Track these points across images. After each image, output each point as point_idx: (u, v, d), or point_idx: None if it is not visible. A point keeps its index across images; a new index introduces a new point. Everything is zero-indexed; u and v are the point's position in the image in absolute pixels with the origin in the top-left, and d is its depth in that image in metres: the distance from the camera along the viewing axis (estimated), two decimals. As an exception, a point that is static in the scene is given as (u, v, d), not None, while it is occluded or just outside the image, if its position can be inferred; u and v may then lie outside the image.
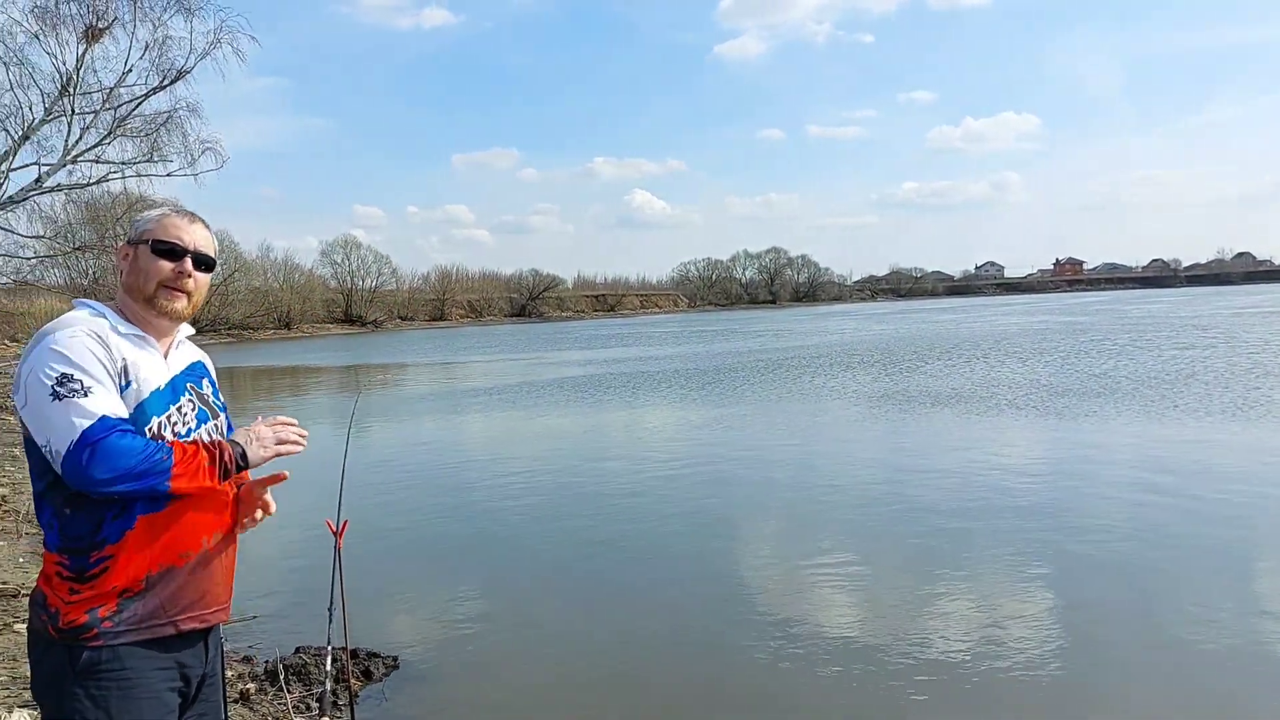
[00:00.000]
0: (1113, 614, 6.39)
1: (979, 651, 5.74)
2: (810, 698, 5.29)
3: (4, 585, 6.69)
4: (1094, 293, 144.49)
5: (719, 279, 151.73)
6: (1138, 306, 68.81)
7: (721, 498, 10.52)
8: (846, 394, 20.02)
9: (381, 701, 5.31)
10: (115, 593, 2.16)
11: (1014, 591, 6.88)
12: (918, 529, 8.68)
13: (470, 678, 5.74)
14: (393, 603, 7.26)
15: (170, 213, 2.43)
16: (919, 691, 5.23)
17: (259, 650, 6.02)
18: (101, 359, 2.17)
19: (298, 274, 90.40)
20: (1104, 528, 8.46)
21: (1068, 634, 6.01)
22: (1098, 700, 5.10)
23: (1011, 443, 13.47)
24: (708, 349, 39.95)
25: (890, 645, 5.89)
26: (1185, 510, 8.94)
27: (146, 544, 2.19)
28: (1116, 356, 25.83)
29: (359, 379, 32.43)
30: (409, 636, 6.39)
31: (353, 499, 10.16)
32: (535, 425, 17.29)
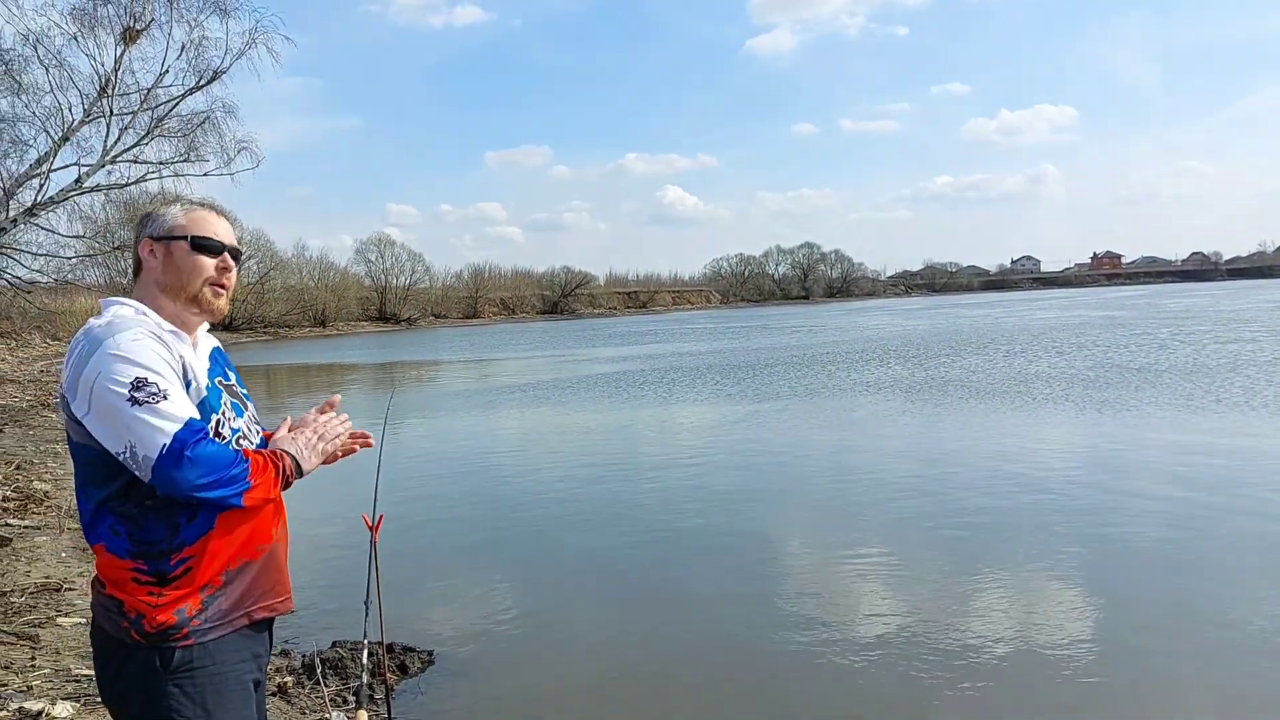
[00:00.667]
0: (1154, 612, 6.28)
1: (1018, 649, 5.67)
2: (847, 697, 5.24)
3: (47, 579, 6.79)
4: (1132, 286, 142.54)
5: (751, 275, 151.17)
6: (1175, 300, 67.77)
7: (756, 493, 10.48)
8: (880, 388, 19.87)
9: (417, 695, 5.33)
10: (199, 591, 2.19)
11: (1053, 588, 6.79)
12: (955, 524, 8.59)
13: (505, 672, 5.75)
14: (428, 598, 7.29)
15: (196, 207, 2.39)
16: (957, 689, 5.17)
17: (296, 644, 6.07)
18: (168, 360, 2.14)
19: (333, 272, 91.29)
20: (1145, 523, 8.33)
21: (1108, 632, 5.92)
22: (1138, 700, 5.02)
23: (1050, 437, 13.30)
24: (740, 345, 39.84)
25: (928, 642, 5.83)
26: (1229, 506, 8.77)
27: (226, 542, 2.22)
28: (1156, 350, 25.45)
29: (393, 376, 32.66)
30: (444, 631, 6.41)
31: (388, 494, 10.25)
32: (568, 421, 17.32)
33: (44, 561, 7.36)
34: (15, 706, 4.44)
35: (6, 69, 20.69)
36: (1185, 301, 64.02)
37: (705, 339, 46.57)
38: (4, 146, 21.23)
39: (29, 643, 5.45)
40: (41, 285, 24.53)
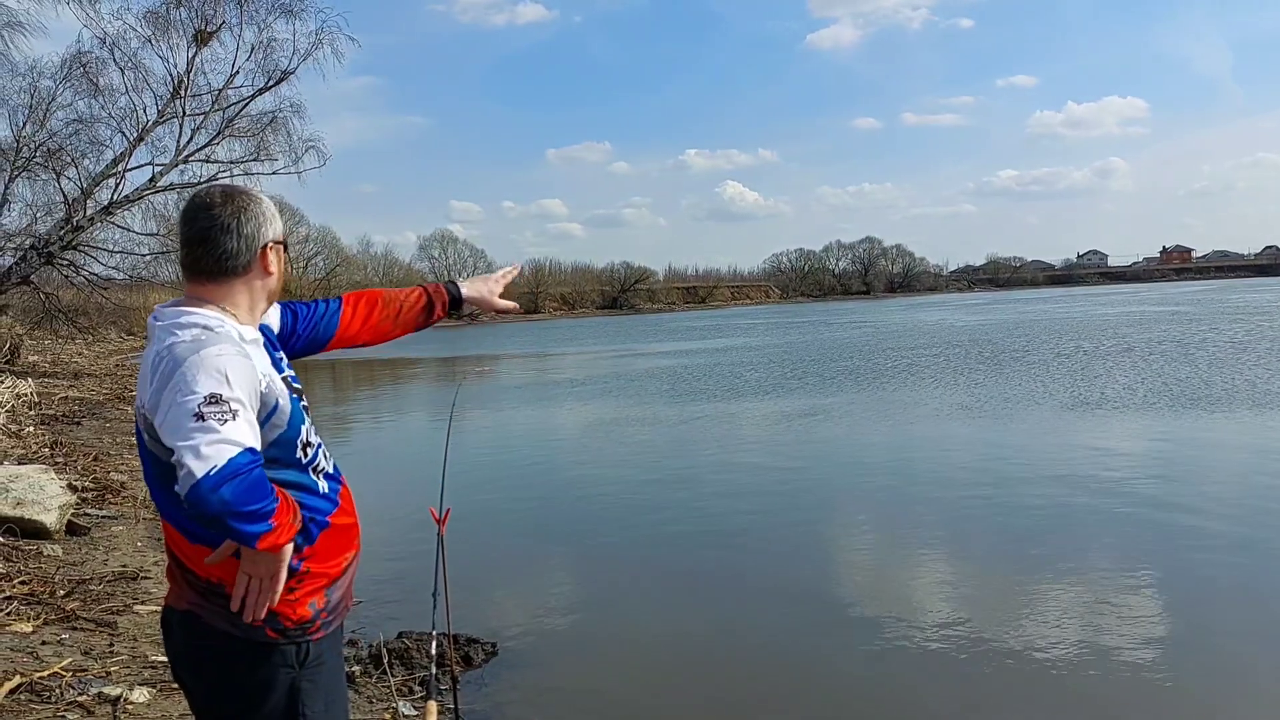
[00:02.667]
0: (1224, 615, 6.10)
1: (1080, 655, 5.54)
2: (904, 697, 5.18)
3: (124, 568, 6.99)
4: (1202, 281, 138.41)
5: (811, 270, 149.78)
6: (1240, 295, 65.66)
7: (817, 489, 10.41)
8: (941, 385, 19.56)
9: (481, 686, 5.38)
10: (325, 586, 2.23)
11: (1118, 590, 6.63)
12: (1016, 525, 8.43)
13: (567, 665, 5.79)
14: (492, 590, 7.36)
15: (271, 204, 2.32)
16: (1018, 691, 5.08)
17: (363, 634, 6.17)
18: (250, 380, 2.06)
19: (396, 268, 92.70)
20: (1212, 528, 8.09)
21: (1175, 636, 5.77)
22: (1208, 705, 4.88)
23: (1113, 436, 12.99)
24: (800, 339, 39.56)
25: (989, 643, 5.73)
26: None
27: (337, 539, 2.28)
28: (1220, 347, 24.69)
29: (455, 370, 33.03)
30: (508, 623, 6.46)
31: (453, 487, 10.37)
32: (629, 416, 17.34)
33: (121, 550, 7.57)
34: (95, 692, 4.58)
35: (84, 71, 21.33)
36: (1249, 296, 62.00)
37: (765, 334, 46.32)
38: (82, 147, 21.92)
39: (107, 630, 5.61)
40: (117, 282, 25.24)
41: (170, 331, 2.10)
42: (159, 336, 2.12)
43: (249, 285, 2.24)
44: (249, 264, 2.22)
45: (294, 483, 2.18)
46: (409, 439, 16.59)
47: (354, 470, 10.09)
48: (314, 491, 2.24)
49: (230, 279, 2.21)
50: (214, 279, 2.20)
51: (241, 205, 2.22)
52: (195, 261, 2.20)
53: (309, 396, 2.42)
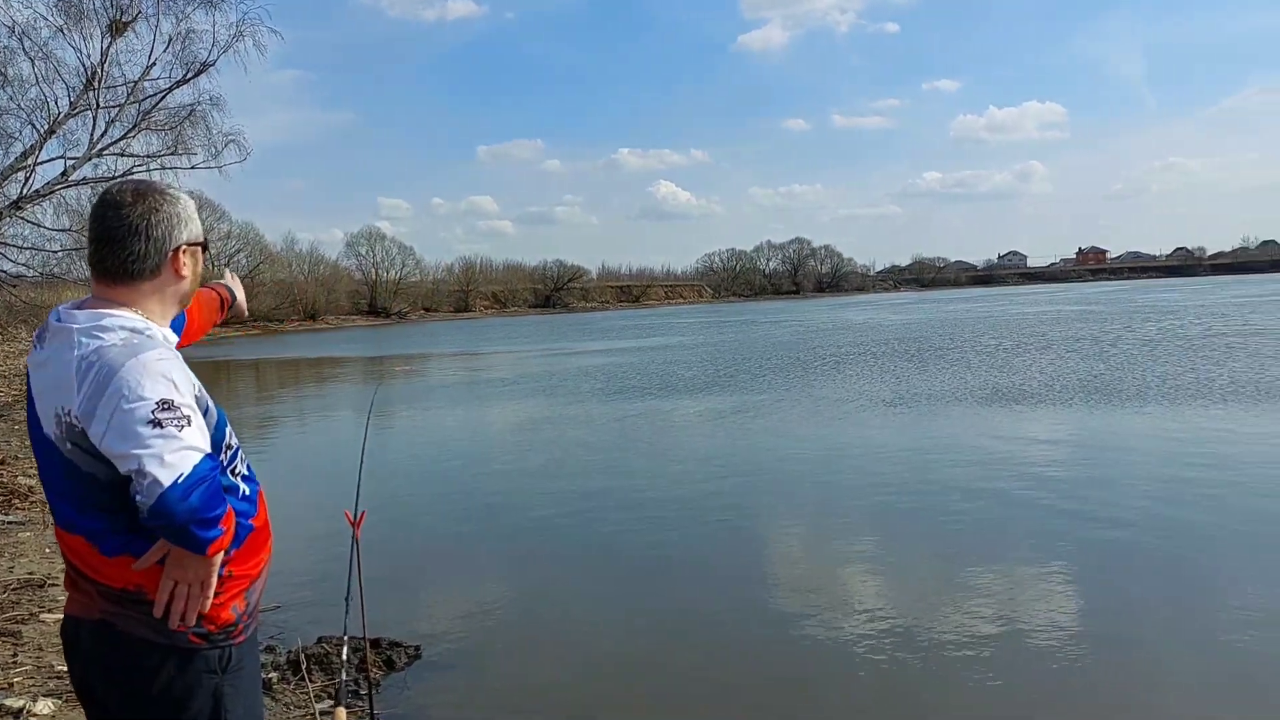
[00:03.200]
0: (1142, 603, 6.29)
1: (1004, 642, 5.66)
2: (833, 687, 5.24)
3: (31, 575, 6.75)
4: (1116, 281, 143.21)
5: (743, 269, 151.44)
6: (1150, 295, 67.99)
7: (744, 485, 10.49)
8: (868, 381, 19.86)
9: (403, 690, 5.31)
10: (243, 588, 2.19)
11: (1043, 580, 6.78)
12: (941, 517, 8.59)
13: (493, 667, 5.74)
14: (417, 592, 7.27)
15: (192, 203, 2.26)
16: (948, 680, 5.18)
17: (281, 639, 6.05)
18: (191, 385, 2.04)
19: (323, 266, 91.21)
20: (1126, 518, 8.34)
21: (1097, 624, 5.92)
22: (1126, 690, 5.03)
23: (1032, 429, 13.32)
24: (731, 338, 39.87)
25: (919, 633, 5.82)
26: (1208, 496, 8.79)
27: (255, 541, 2.24)
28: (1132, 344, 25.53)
29: (381, 369, 32.59)
30: (433, 625, 6.39)
31: (376, 489, 10.23)
32: (560, 414, 17.29)
33: (27, 557, 7.32)
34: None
35: (-9, 61, 20.51)
36: (1158, 296, 64.25)
37: (698, 333, 46.59)
38: (-11, 140, 21.06)
39: (11, 639, 5.41)
40: (28, 279, 24.35)
41: (92, 334, 2.01)
42: (77, 340, 2.01)
43: (159, 289, 2.17)
44: (158, 267, 2.14)
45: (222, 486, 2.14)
46: (333, 439, 16.30)
47: (277, 472, 10.08)
48: (236, 494, 2.19)
49: (138, 282, 2.13)
50: (121, 281, 2.12)
51: (153, 206, 2.14)
52: (101, 261, 2.12)
53: (228, 397, 2.38)
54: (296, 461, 14.25)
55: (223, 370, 32.55)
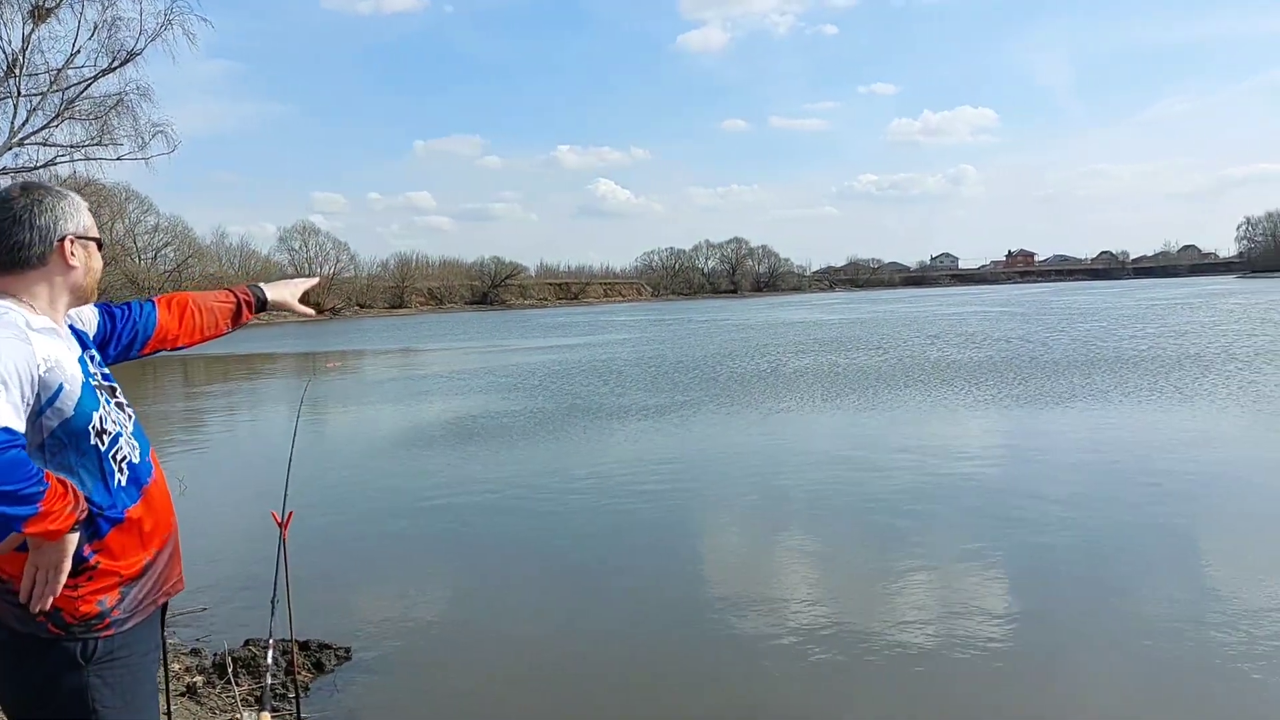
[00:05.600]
0: (1065, 595, 6.48)
1: (935, 636, 5.79)
2: (773, 684, 5.31)
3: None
4: (1044, 283, 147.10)
5: (682, 268, 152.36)
6: (1059, 297, 69.88)
7: (683, 483, 10.55)
8: (804, 380, 20.11)
9: (333, 693, 5.27)
10: (118, 583, 2.17)
11: (968, 578, 6.95)
12: (875, 515, 8.75)
13: (426, 669, 5.72)
14: (349, 594, 7.21)
15: (82, 202, 2.32)
16: (878, 672, 5.29)
17: (208, 642, 5.96)
18: (21, 363, 2.00)
19: (254, 260, 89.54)
20: (1053, 512, 8.58)
21: (1022, 616, 6.09)
22: (1050, 679, 5.20)
23: (963, 427, 13.62)
24: (670, 336, 40.03)
25: (850, 628, 5.93)
26: (1127, 489, 9.09)
27: (139, 533, 2.21)
28: (1061, 346, 26.24)
29: (314, 365, 32.12)
30: (365, 627, 6.35)
31: (308, 488, 10.12)
32: (493, 414, 17.21)
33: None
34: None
35: (-96, 45, 19.77)
36: (1074, 298, 66.06)
37: (636, 331, 46.68)
38: (-98, 126, 20.31)
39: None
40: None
41: None
42: None
43: (48, 279, 2.22)
44: (44, 255, 2.20)
45: (84, 472, 2.13)
46: (264, 437, 16.05)
47: (206, 471, 9.90)
48: (107, 483, 2.17)
49: (24, 270, 2.19)
50: (9, 270, 2.19)
51: (38, 198, 2.22)
52: None
53: (153, 393, 2.36)
54: (226, 460, 14.00)
55: (148, 366, 31.77)
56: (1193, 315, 39.73)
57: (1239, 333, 28.77)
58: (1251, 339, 26.25)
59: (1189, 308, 46.86)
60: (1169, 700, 4.98)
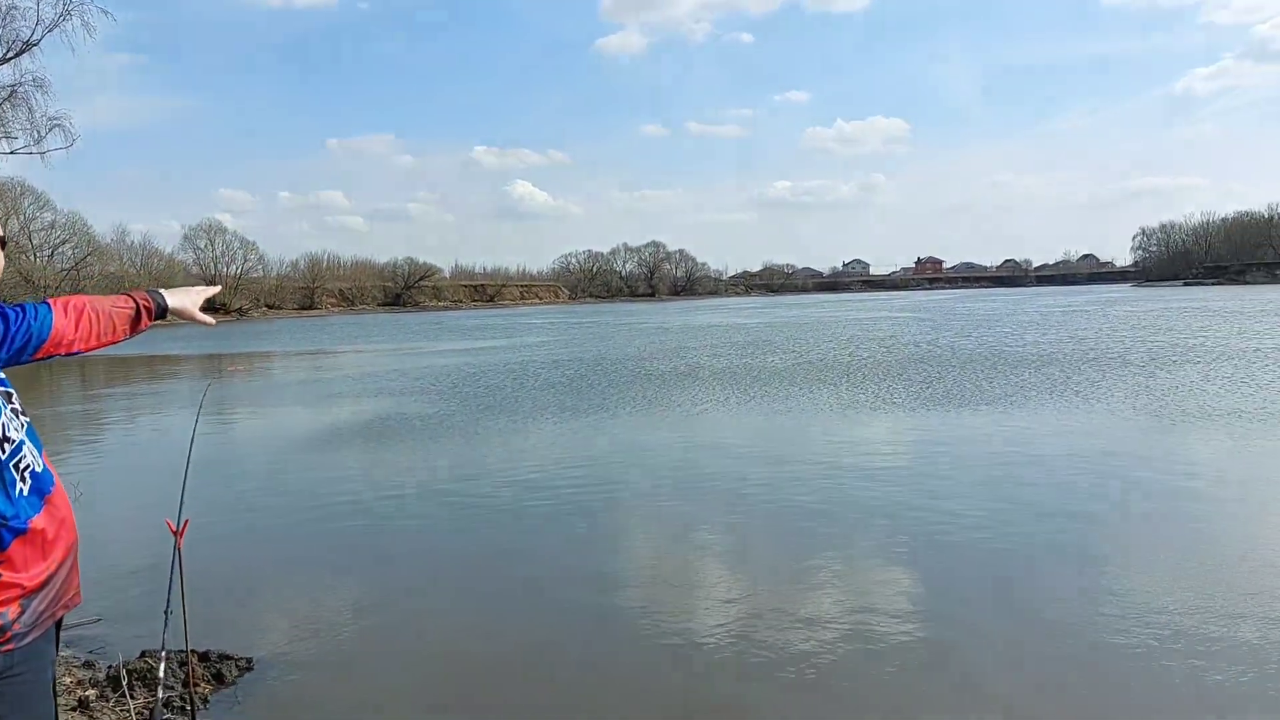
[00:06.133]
0: (970, 595, 6.64)
1: (842, 634, 5.87)
2: (684, 684, 5.32)
3: None
4: (951, 290, 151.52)
5: (599, 271, 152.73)
6: (965, 304, 72.09)
7: (595, 488, 10.52)
8: (720, 383, 20.29)
9: (233, 705, 5.11)
10: (20, 595, 2.10)
11: (878, 576, 7.08)
12: (786, 517, 8.85)
13: (330, 677, 5.58)
14: (251, 602, 7.01)
15: None
16: (789, 672, 5.34)
17: (102, 654, 5.73)
18: None
19: (156, 259, 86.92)
20: (962, 513, 8.80)
21: (929, 615, 6.22)
22: (957, 679, 5.32)
23: (875, 429, 13.90)
24: (584, 337, 40.00)
25: (762, 629, 5.98)
26: (1028, 488, 9.38)
27: (42, 543, 2.15)
28: (967, 351, 27.01)
29: (219, 368, 31.24)
30: (268, 636, 6.17)
31: (210, 494, 9.84)
32: (403, 416, 16.95)
33: None
34: None
35: None
36: (986, 305, 68.16)
37: (553, 334, 46.53)
38: None
39: None
40: None
41: None
42: None
43: None
44: None
45: None
46: (165, 442, 15.53)
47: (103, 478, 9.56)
48: (9, 493, 2.11)
49: None
50: None
51: None
52: None
53: (49, 396, 2.27)
54: (125, 466, 13.50)
55: (43, 367, 30.53)
56: (1089, 322, 41.29)
57: (1134, 339, 29.99)
58: (1145, 345, 27.37)
59: (1086, 314, 48.70)
60: (1065, 693, 5.14)
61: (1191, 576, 6.78)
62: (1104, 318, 44.36)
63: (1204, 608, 6.12)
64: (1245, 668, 5.19)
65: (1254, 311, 45.83)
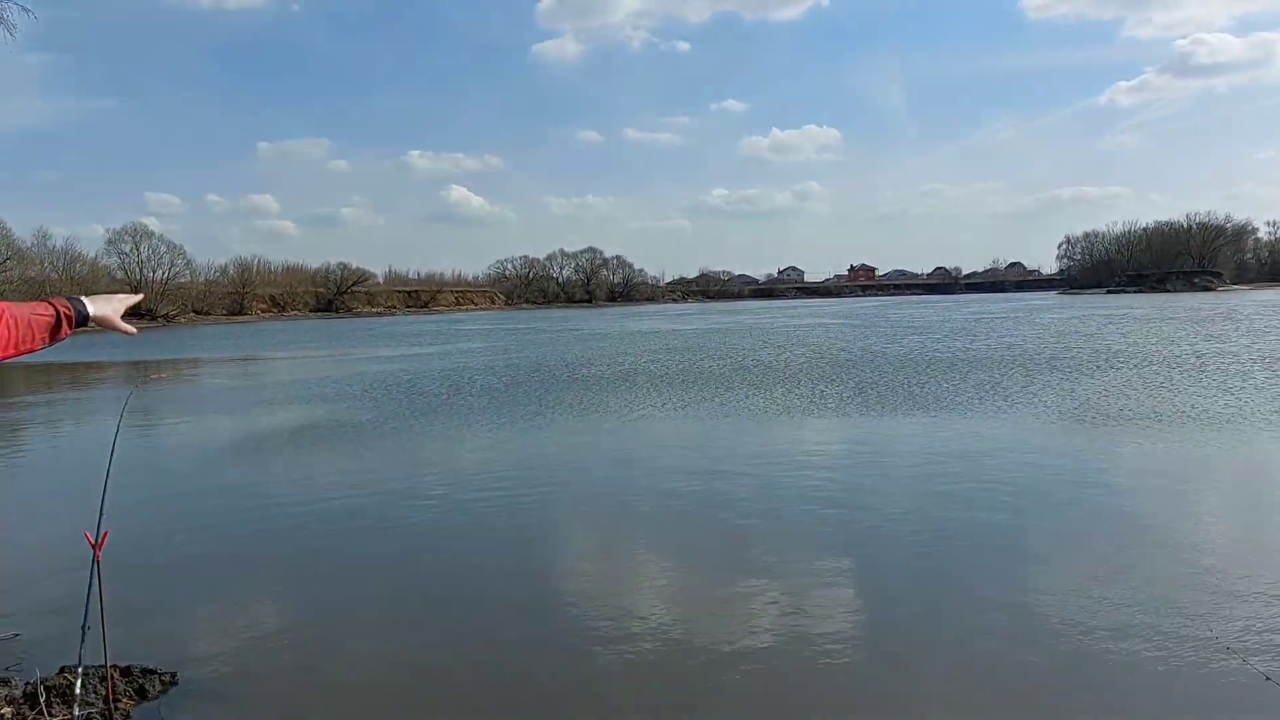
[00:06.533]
0: (901, 596, 6.77)
1: (779, 639, 5.95)
2: (618, 693, 5.34)
3: None
4: (883, 297, 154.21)
5: (536, 277, 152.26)
6: (897, 310, 73.40)
7: (530, 494, 10.49)
8: (654, 389, 20.36)
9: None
10: None
11: (810, 580, 7.17)
12: (722, 522, 8.93)
13: (256, 690, 5.49)
14: (176, 615, 6.85)
15: None
16: (722, 679, 5.40)
17: (19, 670, 5.57)
18: None
19: (79, 264, 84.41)
20: (890, 518, 8.96)
21: (861, 620, 6.32)
22: (887, 679, 5.42)
23: (804, 434, 14.07)
24: (519, 342, 39.82)
25: (695, 634, 6.02)
26: (958, 493, 9.58)
27: None
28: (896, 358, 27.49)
29: (144, 374, 30.44)
30: (194, 650, 6.05)
31: (132, 505, 9.60)
32: (334, 423, 16.69)
33: None
34: None
35: None
36: (917, 311, 69.49)
37: (489, 340, 46.22)
38: None
39: None
40: None
41: None
42: None
43: None
44: None
45: None
46: (88, 451, 15.09)
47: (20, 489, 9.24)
48: None
49: None
50: None
51: None
52: None
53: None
54: (45, 476, 13.10)
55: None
56: (1015, 328, 42.29)
57: (1057, 346, 30.79)
58: (1070, 352, 28.12)
59: (1013, 321, 49.86)
60: (998, 693, 5.27)
61: (1111, 570, 7.00)
62: (1029, 324, 45.47)
63: (1122, 601, 6.32)
64: (1165, 656, 5.39)
65: (1171, 318, 47.38)
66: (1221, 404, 15.67)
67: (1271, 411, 14.71)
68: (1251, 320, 42.40)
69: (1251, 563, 7.27)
